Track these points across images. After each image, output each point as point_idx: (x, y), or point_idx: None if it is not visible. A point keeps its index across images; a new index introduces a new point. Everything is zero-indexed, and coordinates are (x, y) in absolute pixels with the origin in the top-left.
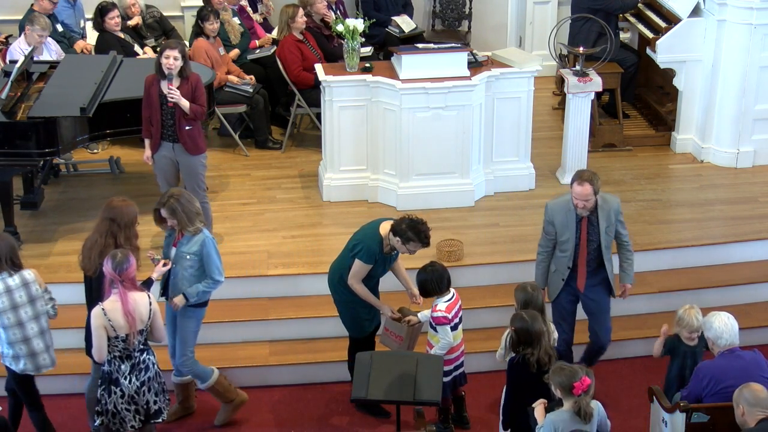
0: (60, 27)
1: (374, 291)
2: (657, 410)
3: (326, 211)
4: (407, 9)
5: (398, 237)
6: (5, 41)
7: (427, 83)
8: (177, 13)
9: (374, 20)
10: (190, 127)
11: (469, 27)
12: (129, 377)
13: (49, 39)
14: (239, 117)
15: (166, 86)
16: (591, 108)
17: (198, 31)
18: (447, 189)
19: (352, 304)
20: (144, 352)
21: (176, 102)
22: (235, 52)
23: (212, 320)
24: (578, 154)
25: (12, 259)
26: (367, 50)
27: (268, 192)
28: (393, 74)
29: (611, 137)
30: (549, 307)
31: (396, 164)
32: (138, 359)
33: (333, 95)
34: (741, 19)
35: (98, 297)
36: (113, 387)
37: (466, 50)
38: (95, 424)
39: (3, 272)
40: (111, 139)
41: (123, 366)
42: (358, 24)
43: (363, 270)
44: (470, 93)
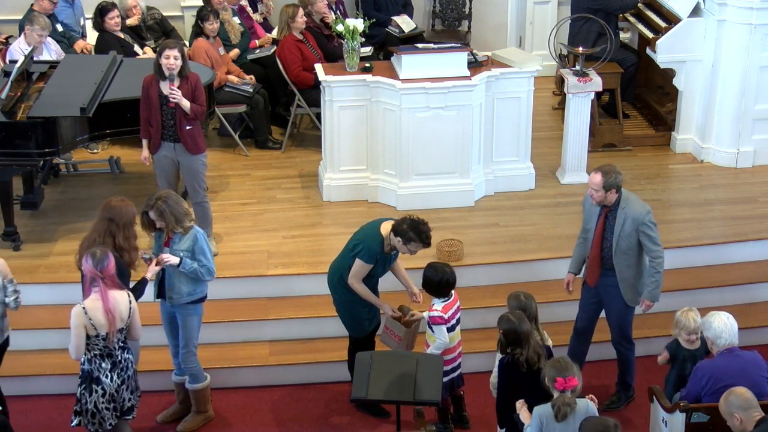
0: (60, 27)
1: (374, 290)
2: (657, 410)
3: (326, 211)
4: (407, 9)
5: (399, 237)
6: (5, 41)
7: (427, 83)
8: (177, 13)
9: (374, 20)
10: (191, 127)
11: (469, 27)
12: (110, 375)
13: (49, 39)
14: (239, 117)
15: (167, 87)
16: (591, 108)
17: (198, 31)
18: (447, 189)
19: (352, 304)
20: (124, 351)
21: (177, 102)
22: (235, 52)
23: (212, 320)
24: (578, 154)
25: None
26: (367, 50)
27: (268, 192)
28: (393, 74)
29: (611, 137)
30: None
31: (396, 164)
32: (119, 357)
33: (333, 95)
34: (741, 19)
35: None
36: (94, 386)
37: (466, 50)
38: (72, 424)
39: None
40: (111, 139)
41: (104, 364)
42: (358, 24)
43: (364, 270)
44: (470, 93)
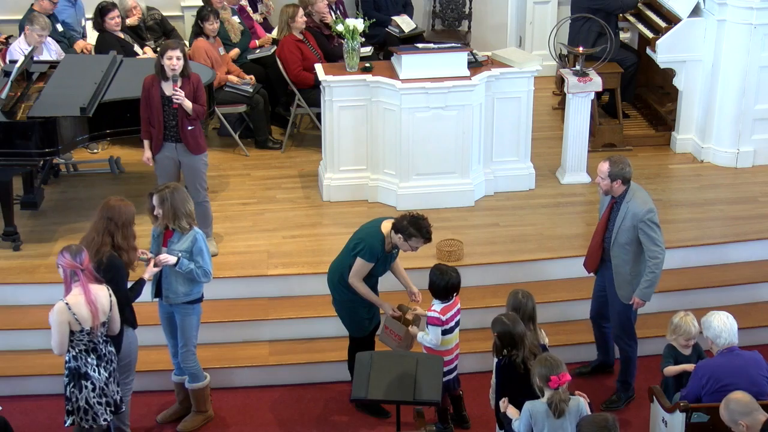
0: (60, 27)
1: (374, 290)
2: (657, 410)
3: (326, 211)
4: (407, 9)
5: (400, 234)
6: (5, 41)
7: (427, 83)
8: (177, 13)
9: (374, 20)
10: (193, 127)
11: (469, 27)
12: (97, 369)
13: (49, 39)
14: (239, 117)
15: (171, 87)
16: (591, 108)
17: (198, 31)
18: (447, 189)
19: (353, 304)
20: (107, 344)
21: (180, 103)
22: (235, 52)
23: (212, 320)
24: (578, 154)
25: None
26: (367, 50)
27: (268, 192)
28: (393, 74)
29: (611, 137)
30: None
31: (396, 164)
32: (103, 351)
33: (333, 95)
34: (741, 19)
35: None
36: (83, 381)
37: (466, 50)
38: (65, 425)
39: None
40: (111, 139)
41: (90, 358)
42: (358, 24)
43: (365, 268)
44: (470, 93)
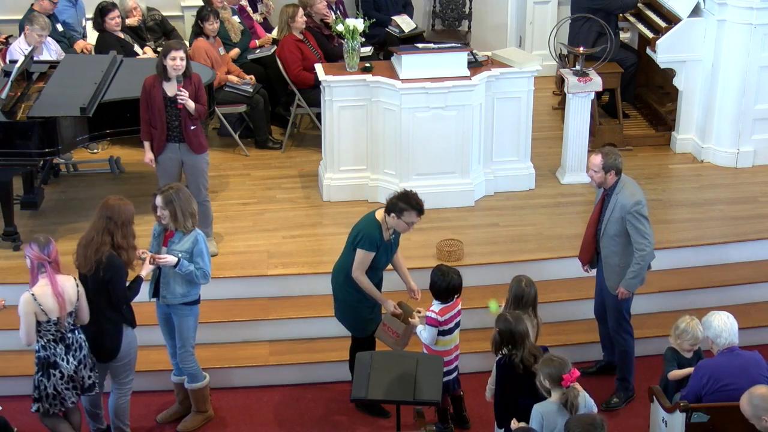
0: (60, 27)
1: (378, 288)
2: (657, 410)
3: (326, 211)
4: (407, 9)
5: (393, 213)
6: (5, 41)
7: (427, 83)
8: (177, 13)
9: (374, 20)
10: (195, 127)
11: (469, 27)
12: (66, 358)
13: (49, 39)
14: (239, 117)
15: (175, 88)
16: (591, 108)
17: (198, 31)
18: (447, 189)
19: (356, 304)
20: (75, 332)
21: (184, 104)
22: (236, 52)
23: (212, 320)
24: (578, 154)
25: None
26: (367, 50)
27: (268, 192)
28: (393, 74)
29: (611, 137)
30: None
31: (396, 164)
32: (71, 339)
33: (333, 95)
34: (741, 19)
35: (94, 294)
36: (52, 370)
37: (466, 50)
38: (32, 410)
39: None
40: (111, 139)
41: (58, 348)
42: (358, 24)
43: (366, 259)
44: (470, 93)
